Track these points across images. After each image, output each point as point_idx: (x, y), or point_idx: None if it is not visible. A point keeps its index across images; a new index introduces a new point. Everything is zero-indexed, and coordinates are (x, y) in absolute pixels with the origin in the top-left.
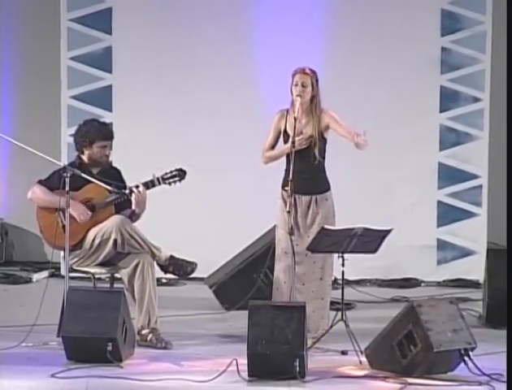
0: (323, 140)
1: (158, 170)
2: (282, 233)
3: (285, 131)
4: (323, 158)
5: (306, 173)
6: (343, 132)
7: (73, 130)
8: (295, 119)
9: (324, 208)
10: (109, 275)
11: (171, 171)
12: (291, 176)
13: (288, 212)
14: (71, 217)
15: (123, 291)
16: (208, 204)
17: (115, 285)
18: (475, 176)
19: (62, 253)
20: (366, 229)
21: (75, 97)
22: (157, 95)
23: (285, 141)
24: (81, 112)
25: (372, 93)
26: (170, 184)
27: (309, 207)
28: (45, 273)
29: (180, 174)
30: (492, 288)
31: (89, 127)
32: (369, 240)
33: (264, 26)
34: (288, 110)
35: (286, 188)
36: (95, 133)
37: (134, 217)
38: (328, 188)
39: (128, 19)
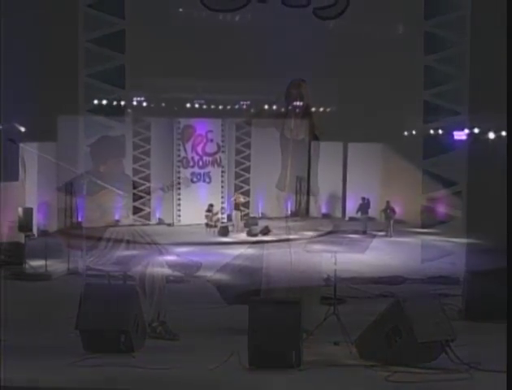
0: (317, 142)
1: (164, 179)
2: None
3: (283, 134)
4: (317, 161)
5: (300, 175)
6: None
7: (89, 140)
8: (291, 130)
9: (310, 208)
10: (122, 272)
11: (178, 180)
12: (288, 181)
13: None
14: (87, 219)
15: (135, 287)
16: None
17: (128, 282)
18: (455, 182)
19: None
20: (357, 231)
21: (91, 111)
22: (164, 110)
23: (281, 144)
24: (97, 124)
25: (364, 106)
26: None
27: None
28: (64, 271)
29: (186, 182)
30: (471, 285)
31: (105, 145)
32: (359, 242)
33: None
34: (286, 115)
35: (283, 192)
36: (109, 152)
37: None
38: (317, 192)
39: (139, 40)
